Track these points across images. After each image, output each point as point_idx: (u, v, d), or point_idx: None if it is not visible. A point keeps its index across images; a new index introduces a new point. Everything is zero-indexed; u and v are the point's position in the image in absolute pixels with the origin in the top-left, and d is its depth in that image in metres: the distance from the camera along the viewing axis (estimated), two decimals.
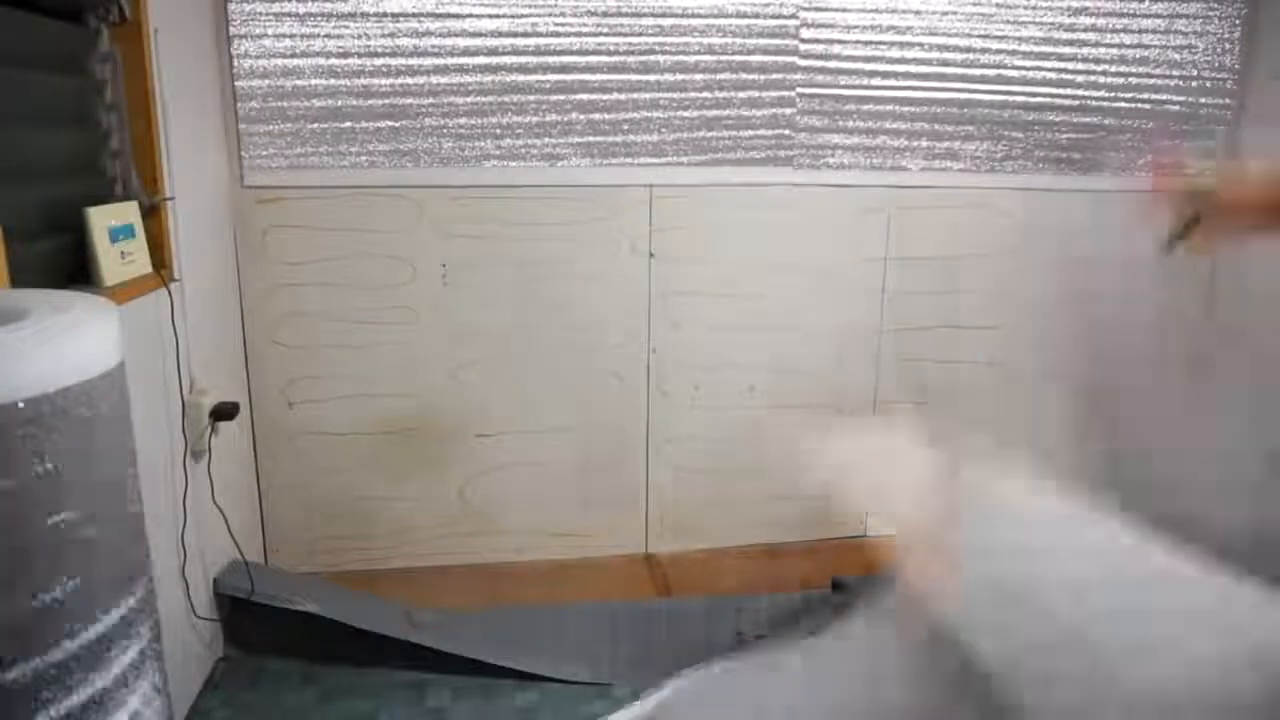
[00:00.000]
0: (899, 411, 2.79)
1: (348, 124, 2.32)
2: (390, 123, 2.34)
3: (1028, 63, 2.62)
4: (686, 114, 2.48)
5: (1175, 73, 2.71)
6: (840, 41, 2.52)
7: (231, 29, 2.22)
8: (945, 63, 2.58)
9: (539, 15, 2.35)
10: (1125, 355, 2.91)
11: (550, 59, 2.38)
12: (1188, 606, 1.87)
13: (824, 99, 2.55)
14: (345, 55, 2.29)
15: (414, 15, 2.29)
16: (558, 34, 2.37)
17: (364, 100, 2.31)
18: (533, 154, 2.42)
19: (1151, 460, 2.98)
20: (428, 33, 2.31)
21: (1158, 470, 2.91)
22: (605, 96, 2.42)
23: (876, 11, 2.51)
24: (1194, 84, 2.73)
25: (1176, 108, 2.74)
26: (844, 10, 2.49)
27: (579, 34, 2.38)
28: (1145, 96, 2.71)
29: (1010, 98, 2.64)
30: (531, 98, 2.39)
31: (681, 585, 2.54)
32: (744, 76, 2.48)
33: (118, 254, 1.68)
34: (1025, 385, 2.85)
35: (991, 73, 2.61)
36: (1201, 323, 2.92)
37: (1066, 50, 2.64)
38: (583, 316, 2.54)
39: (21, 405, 0.81)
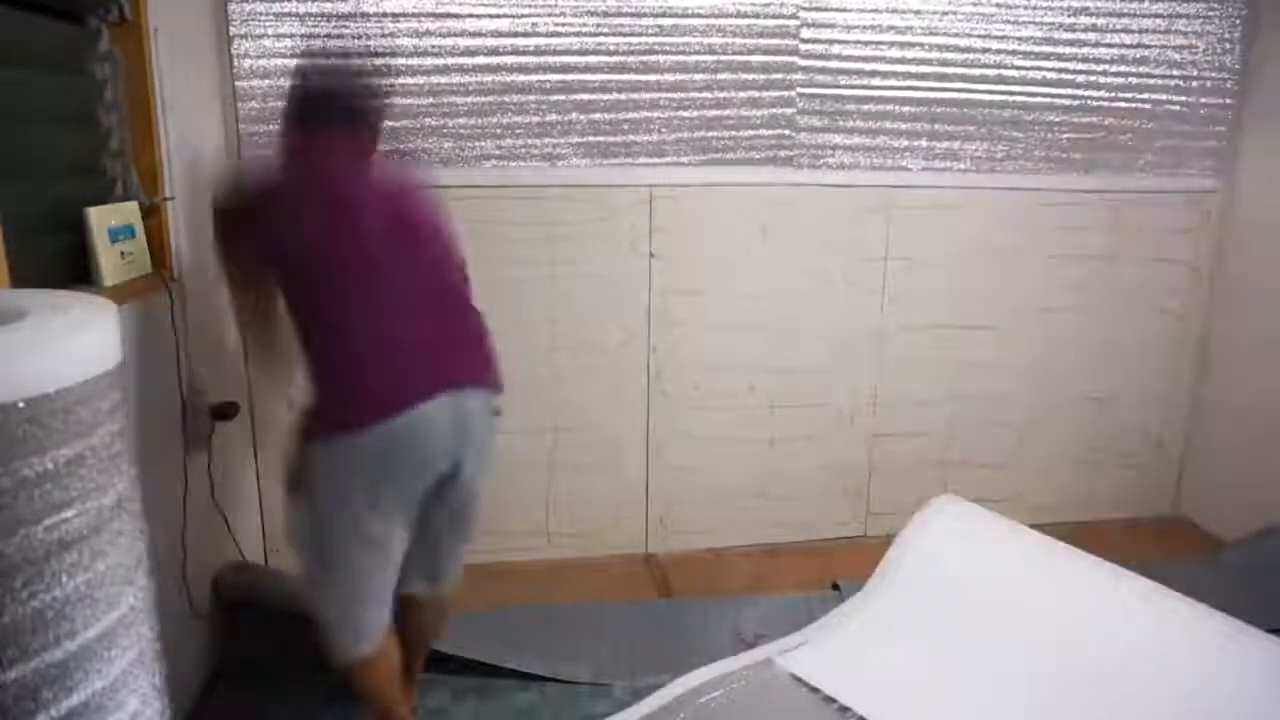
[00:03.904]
0: (899, 413, 2.79)
1: None
2: (390, 123, 2.33)
3: (1028, 63, 2.62)
4: (686, 114, 2.48)
5: (1175, 73, 2.71)
6: (840, 41, 2.52)
7: (231, 29, 2.22)
8: (945, 63, 2.58)
9: (539, 15, 2.35)
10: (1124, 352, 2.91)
11: (550, 59, 2.38)
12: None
13: (824, 99, 2.54)
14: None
15: (414, 15, 2.29)
16: (558, 34, 2.37)
17: None
18: (533, 154, 2.42)
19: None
20: (428, 33, 2.31)
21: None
22: (605, 96, 2.42)
23: (876, 11, 2.51)
24: (1194, 84, 2.73)
25: (1176, 108, 2.74)
26: (844, 10, 2.49)
27: (579, 34, 2.38)
28: (1145, 96, 2.71)
29: (1010, 98, 2.64)
30: (531, 98, 2.39)
31: (681, 585, 2.54)
32: (744, 76, 2.48)
33: (118, 254, 1.68)
34: (1025, 385, 2.86)
35: (991, 73, 2.61)
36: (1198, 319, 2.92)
37: (1066, 50, 2.64)
38: (583, 316, 2.53)
39: (21, 405, 0.80)
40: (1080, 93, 2.67)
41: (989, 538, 2.26)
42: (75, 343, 0.88)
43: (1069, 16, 2.62)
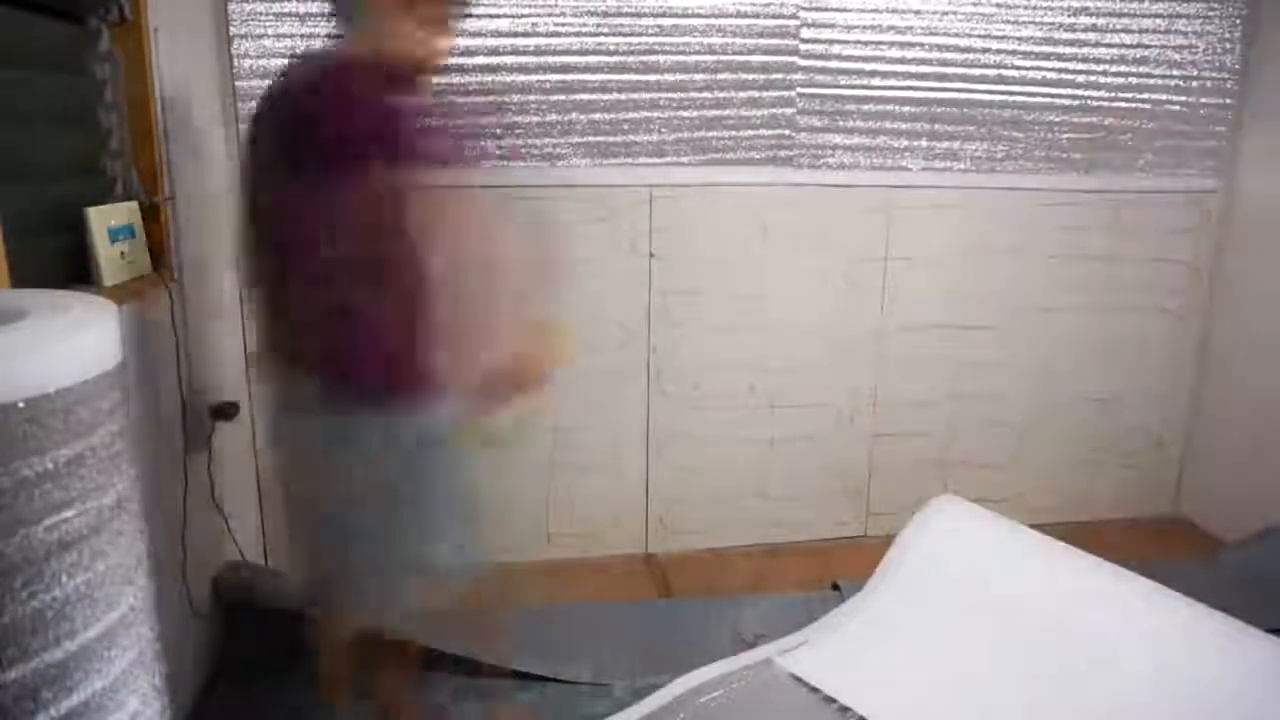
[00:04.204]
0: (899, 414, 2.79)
1: None
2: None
3: (1028, 63, 2.62)
4: (686, 114, 2.48)
5: (1175, 73, 2.71)
6: (840, 41, 2.52)
7: (231, 29, 2.22)
8: (945, 63, 2.58)
9: (539, 15, 2.35)
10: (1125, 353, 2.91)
11: (550, 59, 2.38)
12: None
13: (824, 99, 2.54)
14: None
15: None
16: (558, 34, 2.37)
17: None
18: (533, 154, 2.42)
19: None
20: None
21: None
22: (605, 96, 2.42)
23: (876, 11, 2.51)
24: (1194, 84, 2.73)
25: (1176, 108, 2.74)
26: (844, 10, 2.49)
27: (579, 34, 2.38)
28: (1145, 96, 2.71)
29: (1010, 98, 2.64)
30: (531, 98, 2.39)
31: (681, 585, 2.54)
32: (744, 76, 2.48)
33: (118, 254, 1.68)
34: (1025, 385, 2.86)
35: (991, 73, 2.61)
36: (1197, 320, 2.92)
37: (1066, 50, 2.64)
38: (583, 316, 2.53)
39: (21, 405, 0.80)
40: (1080, 93, 2.67)
41: (989, 538, 2.26)
42: (75, 343, 0.88)
43: (1069, 16, 2.63)
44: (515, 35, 2.35)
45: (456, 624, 1.89)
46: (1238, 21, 2.71)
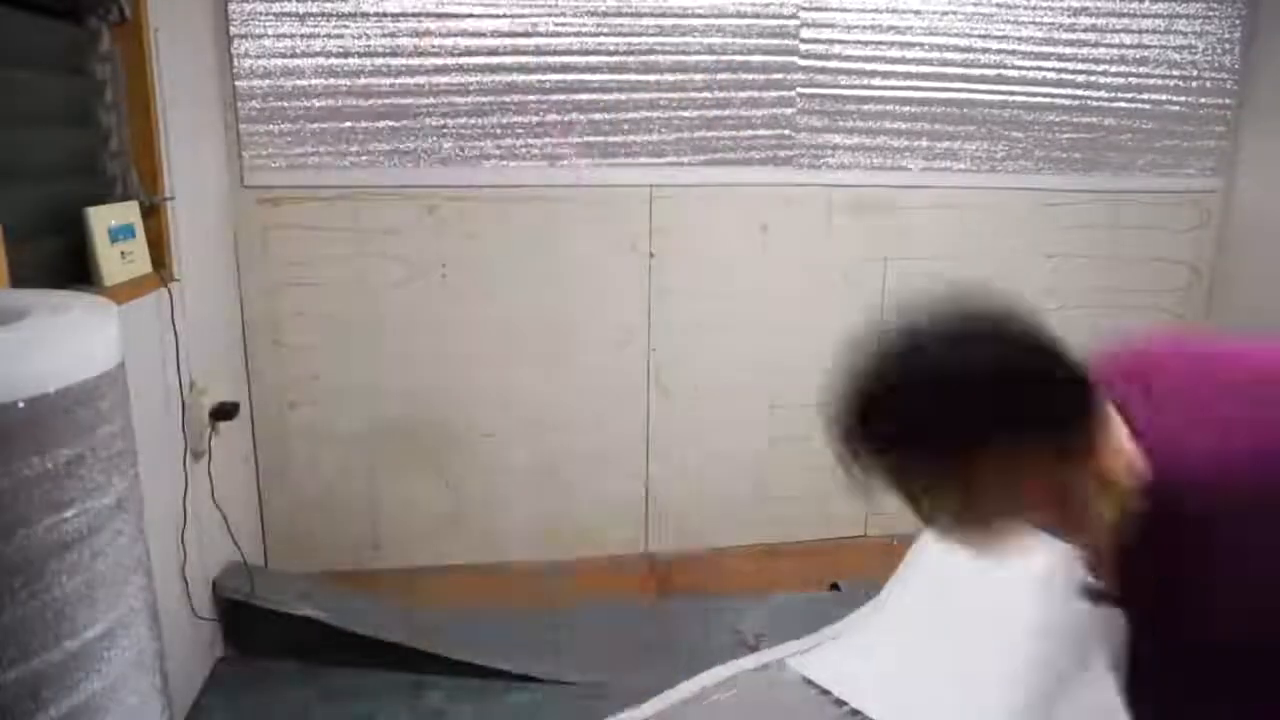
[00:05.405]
0: None
1: (348, 124, 2.32)
2: (390, 123, 2.34)
3: (1028, 63, 2.62)
4: (686, 114, 2.47)
5: (1175, 73, 2.71)
6: (840, 41, 2.51)
7: (231, 29, 2.22)
8: (945, 63, 2.58)
9: (539, 15, 2.35)
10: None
11: (550, 59, 2.38)
12: None
13: (824, 99, 2.54)
14: (345, 55, 2.28)
15: (414, 15, 2.29)
16: (558, 34, 2.37)
17: (364, 100, 2.31)
18: (533, 154, 2.42)
19: None
20: (428, 33, 2.31)
21: None
22: (605, 96, 2.42)
23: (876, 11, 2.51)
24: (1194, 84, 2.73)
25: (1176, 108, 2.74)
26: (844, 10, 2.49)
27: (579, 34, 2.38)
28: (1145, 96, 2.71)
29: (1010, 98, 2.64)
30: (531, 98, 2.39)
31: (681, 585, 2.54)
32: (744, 76, 2.48)
33: (118, 254, 1.68)
34: None
35: (991, 73, 2.61)
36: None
37: (1066, 50, 2.64)
38: (583, 316, 2.53)
39: (21, 405, 0.80)
40: (1080, 93, 2.67)
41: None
42: (75, 343, 0.88)
43: (1069, 16, 2.62)
44: (515, 35, 2.35)
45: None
46: (1238, 22, 2.71)
